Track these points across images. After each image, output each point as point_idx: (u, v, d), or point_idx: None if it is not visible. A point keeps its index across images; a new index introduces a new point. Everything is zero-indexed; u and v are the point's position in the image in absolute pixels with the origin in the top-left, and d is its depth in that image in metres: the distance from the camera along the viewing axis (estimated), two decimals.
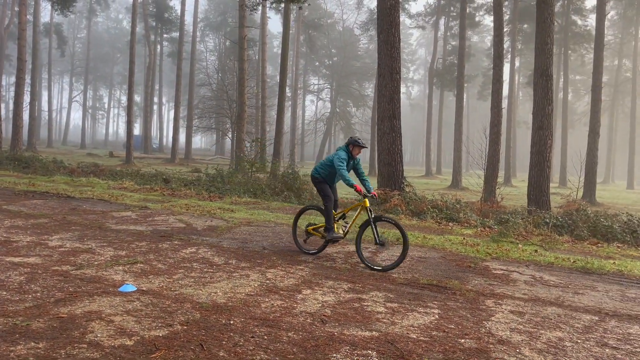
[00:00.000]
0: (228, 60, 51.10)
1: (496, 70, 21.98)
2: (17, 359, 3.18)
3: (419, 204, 12.35)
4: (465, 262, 7.02)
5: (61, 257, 5.98)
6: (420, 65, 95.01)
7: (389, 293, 5.25)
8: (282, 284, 5.39)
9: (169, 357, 3.36)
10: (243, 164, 20.02)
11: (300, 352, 3.56)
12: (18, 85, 28.45)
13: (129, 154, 32.46)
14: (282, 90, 26.62)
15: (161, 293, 4.79)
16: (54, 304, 4.27)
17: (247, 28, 29.08)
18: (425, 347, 3.78)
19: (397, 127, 13.62)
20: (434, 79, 47.14)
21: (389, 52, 13.58)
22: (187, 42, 47.84)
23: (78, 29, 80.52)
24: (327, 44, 65.69)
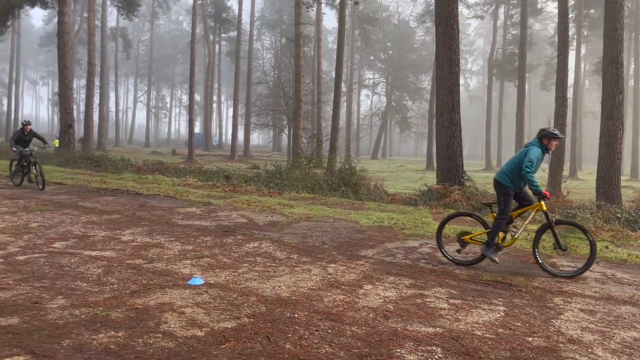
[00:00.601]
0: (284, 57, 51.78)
1: (561, 58, 21.04)
2: (99, 347, 3.41)
3: (480, 199, 12.06)
4: (530, 258, 6.81)
5: (133, 251, 6.31)
6: (479, 56, 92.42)
7: (452, 289, 5.19)
8: (344, 278, 5.45)
9: (237, 348, 3.50)
10: (300, 160, 20.24)
11: (365, 347, 3.60)
12: (88, 88, 30.04)
13: (191, 151, 33.58)
14: (338, 85, 26.67)
15: (227, 286, 4.97)
16: (130, 296, 4.53)
17: (302, 25, 29.32)
18: (492, 345, 3.73)
19: (456, 121, 13.35)
20: (493, 70, 45.77)
21: (447, 44, 13.31)
22: (245, 41, 48.79)
23: (141, 32, 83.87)
24: (382, 37, 65.12)
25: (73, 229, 7.53)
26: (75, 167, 20.04)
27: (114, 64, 63.47)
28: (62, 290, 4.59)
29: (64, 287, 4.71)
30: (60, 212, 9.12)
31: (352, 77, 59.85)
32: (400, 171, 38.54)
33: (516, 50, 40.22)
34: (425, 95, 59.51)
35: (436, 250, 7.11)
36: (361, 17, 52.41)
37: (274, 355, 3.40)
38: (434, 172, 27.78)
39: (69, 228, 7.61)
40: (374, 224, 9.22)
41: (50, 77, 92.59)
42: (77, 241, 6.72)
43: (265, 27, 66.44)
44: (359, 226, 8.94)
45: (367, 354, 3.49)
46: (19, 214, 8.73)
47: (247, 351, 3.44)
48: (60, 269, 5.33)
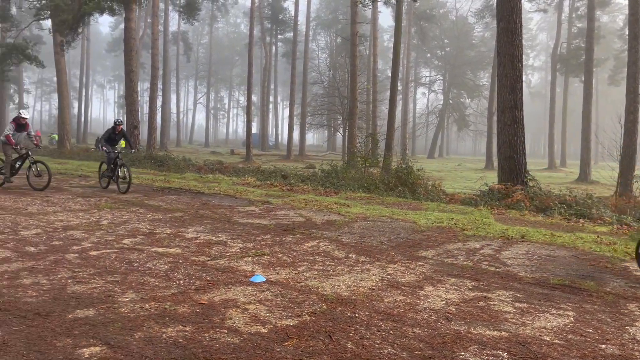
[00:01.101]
0: (339, 57, 51.87)
1: (632, 52, 19.90)
2: (168, 340, 3.54)
3: (544, 199, 11.63)
4: (600, 262, 6.50)
5: (197, 248, 6.52)
6: (541, 51, 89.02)
7: (517, 293, 5.03)
8: (403, 279, 5.40)
9: (300, 345, 3.54)
10: (356, 160, 20.20)
11: (427, 349, 3.56)
12: (152, 90, 31.29)
13: (249, 151, 34.28)
14: (394, 83, 26.42)
15: (288, 284, 5.04)
16: (195, 291, 4.68)
17: (358, 24, 29.26)
18: (561, 351, 3.59)
19: (519, 118, 12.92)
20: (557, 65, 43.93)
21: (509, 40, 12.90)
22: (300, 41, 49.27)
23: (201, 35, 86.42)
24: (439, 34, 63.99)
25: (140, 226, 7.86)
26: (140, 167, 20.91)
27: (175, 67, 65.78)
28: (132, 285, 4.81)
29: (134, 281, 4.93)
30: (128, 210, 9.55)
31: (408, 75, 59.12)
32: (458, 170, 37.72)
33: (582, 44, 38.43)
34: (484, 92, 57.98)
35: (499, 252, 6.91)
36: (418, 14, 51.70)
37: (337, 354, 3.42)
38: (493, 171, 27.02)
39: (136, 225, 7.96)
40: (433, 224, 9.08)
41: (117, 80, 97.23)
42: (145, 238, 7.01)
43: (321, 27, 66.81)
44: (418, 226, 8.83)
45: (430, 356, 3.44)
46: (91, 211, 9.21)
47: (310, 349, 3.48)
48: (130, 264, 5.59)
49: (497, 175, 13.90)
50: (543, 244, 7.64)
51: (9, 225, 7.60)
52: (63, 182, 14.09)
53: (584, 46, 34.72)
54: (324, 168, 18.62)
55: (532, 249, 7.23)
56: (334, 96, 42.90)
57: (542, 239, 7.92)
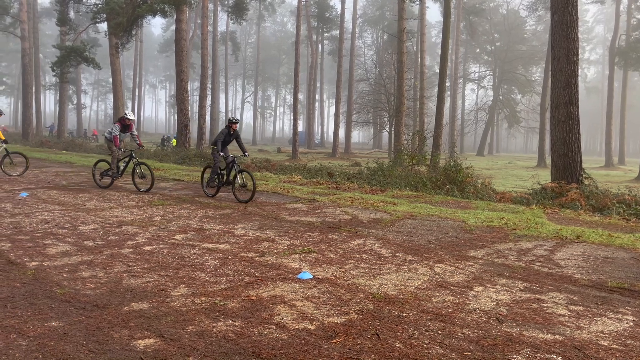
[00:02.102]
0: (385, 53, 51.42)
1: None
2: (219, 334, 3.62)
3: (601, 199, 11.15)
4: None
5: (246, 244, 6.63)
6: (598, 44, 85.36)
7: (572, 295, 4.85)
8: (452, 279, 5.31)
9: (348, 343, 3.54)
10: (402, 157, 20.00)
11: (478, 350, 3.49)
12: (201, 89, 31.99)
13: (295, 149, 34.54)
14: (442, 80, 25.97)
15: (335, 282, 5.05)
16: (244, 287, 4.77)
17: (405, 20, 28.92)
18: (620, 357, 3.43)
19: (574, 115, 12.45)
20: (615, 59, 41.98)
21: (564, 33, 12.43)
22: (347, 39, 49.17)
23: (249, 35, 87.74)
24: (489, 29, 62.36)
25: (191, 223, 8.07)
26: (190, 165, 21.45)
27: (224, 67, 67.06)
28: (184, 280, 4.94)
29: (185, 276, 5.07)
30: (179, 206, 9.82)
31: (456, 71, 57.99)
32: (508, 168, 36.70)
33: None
34: (536, 88, 56.17)
35: (552, 253, 6.68)
36: (467, 8, 50.61)
37: (384, 352, 3.40)
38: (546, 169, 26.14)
39: (187, 222, 8.18)
40: (483, 223, 8.87)
41: (168, 80, 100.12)
42: (195, 234, 7.20)
43: (367, 24, 66.48)
44: (467, 225, 8.66)
45: (481, 357, 3.37)
46: (144, 207, 9.53)
47: (358, 347, 3.48)
48: (181, 259, 5.75)
49: (550, 173, 13.43)
50: (600, 245, 7.33)
51: (68, 220, 7.97)
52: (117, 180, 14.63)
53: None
54: (369, 166, 18.55)
55: (588, 250, 6.96)
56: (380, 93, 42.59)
57: (598, 240, 7.60)
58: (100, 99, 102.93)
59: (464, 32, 57.11)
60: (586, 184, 12.21)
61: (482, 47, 66.24)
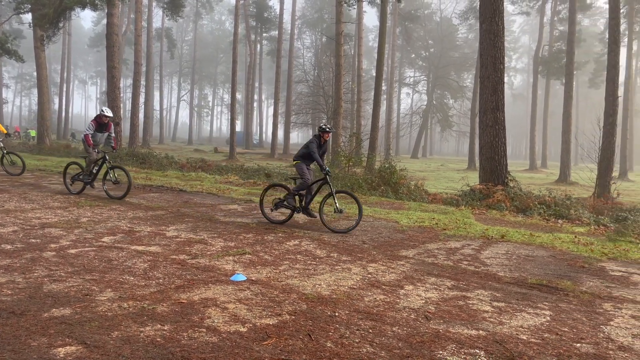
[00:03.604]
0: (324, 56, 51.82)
1: (611, 55, 20.25)
2: (146, 339, 3.51)
3: (524, 200, 11.77)
4: (577, 262, 6.61)
5: (178, 246, 6.47)
6: (524, 54, 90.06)
7: (495, 292, 5.09)
8: (384, 278, 5.42)
9: (279, 344, 3.54)
10: (339, 159, 20.23)
11: (406, 347, 3.58)
12: (135, 87, 30.96)
13: (232, 149, 34.12)
14: (378, 83, 26.52)
15: (269, 283, 5.03)
16: (175, 290, 4.65)
17: (343, 23, 29.29)
18: (537, 350, 3.64)
19: (500, 120, 13.07)
20: (539, 67, 44.49)
21: (492, 42, 13.04)
22: (285, 40, 49.15)
23: (185, 32, 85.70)
24: (423, 35, 64.36)
25: (120, 224, 7.78)
26: (121, 164, 20.66)
27: (158, 64, 65.15)
28: (110, 284, 4.75)
29: (112, 280, 4.87)
30: (108, 207, 9.43)
31: (392, 75, 59.36)
32: (441, 170, 38.00)
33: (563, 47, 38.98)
34: (467, 93, 58.47)
35: (479, 252, 6.99)
36: (403, 14, 51.93)
37: (316, 353, 3.42)
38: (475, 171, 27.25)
39: (116, 223, 7.87)
40: (415, 224, 9.14)
41: (99, 76, 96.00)
42: (125, 236, 6.94)
43: (306, 25, 66.76)
44: (399, 226, 8.88)
45: (409, 355, 3.46)
46: (70, 209, 9.08)
47: (289, 348, 3.48)
48: (108, 262, 5.52)
49: (478, 175, 14.03)
50: (522, 244, 7.74)
51: None
52: (42, 179, 13.87)
53: (565, 49, 35.22)
54: None
55: (512, 248, 7.33)
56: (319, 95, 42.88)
57: (521, 239, 8.02)
58: (24, 94, 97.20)
59: (400, 38, 58.57)
60: (511, 186, 12.86)
61: (417, 53, 68.21)
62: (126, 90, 76.82)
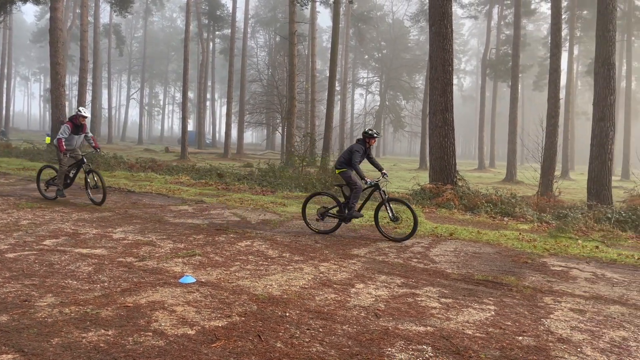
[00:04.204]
0: (278, 55, 51.67)
1: (553, 59, 21.15)
2: (89, 345, 3.39)
3: (472, 199, 12.12)
4: (521, 258, 6.86)
5: (125, 249, 6.28)
6: (473, 56, 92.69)
7: (443, 288, 5.21)
8: (336, 277, 5.45)
9: (228, 346, 3.49)
10: (293, 159, 20.22)
11: (355, 345, 3.61)
12: (81, 84, 29.84)
13: (184, 149, 33.45)
14: (332, 84, 26.66)
15: (219, 285, 4.96)
16: (121, 294, 4.51)
17: (297, 23, 29.28)
18: (482, 344, 3.75)
19: (449, 121, 13.39)
20: (487, 70, 45.91)
21: (441, 44, 13.34)
22: (239, 38, 48.66)
23: (135, 28, 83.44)
24: (376, 36, 65.16)
25: (64, 227, 7.48)
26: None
27: (106, 61, 63.12)
28: (52, 289, 4.56)
29: (53, 285, 4.68)
30: (51, 209, 9.06)
31: (346, 75, 59.82)
32: (393, 170, 38.58)
33: (509, 51, 40.33)
34: (419, 94, 59.65)
35: (428, 249, 7.14)
36: (355, 15, 52.41)
37: (265, 354, 3.40)
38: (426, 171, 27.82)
39: (59, 225, 7.56)
40: (367, 222, 9.23)
41: (42, 73, 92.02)
42: (68, 239, 6.68)
43: (260, 25, 66.30)
44: (352, 225, 8.95)
45: (358, 352, 3.49)
46: (9, 211, 8.66)
47: (238, 350, 3.44)
48: (50, 266, 5.30)
49: (428, 175, 14.33)
50: (470, 241, 7.96)
51: None
52: None
53: (511, 53, 36.48)
54: (261, 167, 18.49)
55: (460, 246, 7.52)
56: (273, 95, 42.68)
57: (469, 237, 8.25)
58: None
59: (353, 39, 59.10)
60: (460, 185, 13.19)
61: (370, 54, 69.00)
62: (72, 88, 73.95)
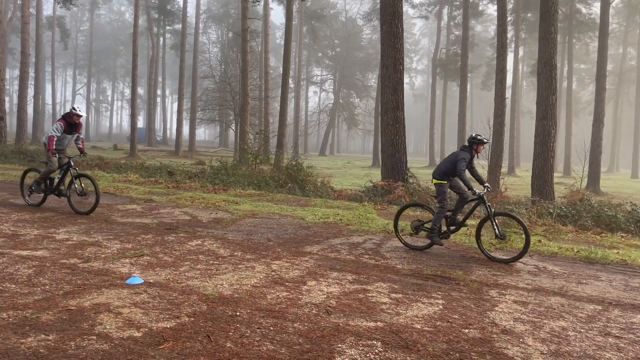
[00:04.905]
0: (231, 52, 51.05)
1: (500, 60, 21.86)
2: (27, 351, 3.24)
3: (422, 195, 12.37)
4: (469, 252, 7.06)
5: (68, 250, 6.05)
6: (424, 56, 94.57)
7: (394, 284, 5.29)
8: (288, 275, 5.44)
9: (176, 348, 3.42)
10: (246, 156, 20.04)
11: (306, 343, 3.61)
12: (22, 79, 28.53)
13: (133, 146, 32.56)
14: (285, 81, 26.59)
15: (168, 285, 4.85)
16: (63, 297, 4.34)
17: (249, 19, 29.01)
18: (430, 337, 3.83)
19: (400, 119, 13.61)
20: (437, 69, 46.97)
21: (392, 43, 13.53)
22: (190, 34, 47.73)
23: (81, 21, 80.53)
24: (330, 34, 65.47)
25: (2, 228, 7.12)
26: (6, 162, 19.00)
27: (50, 55, 60.57)
28: None
29: None
30: None
31: (300, 73, 59.78)
32: (347, 168, 38.91)
33: (459, 51, 41.45)
34: (372, 93, 60.39)
35: (380, 246, 7.23)
36: (309, 13, 52.44)
37: (214, 354, 3.35)
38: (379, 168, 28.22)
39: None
40: (320, 220, 9.27)
41: None
42: (7, 240, 6.36)
43: (212, 20, 65.29)
44: (305, 222, 8.96)
45: (309, 350, 3.49)
46: None
47: (187, 351, 3.37)
48: None
49: (381, 172, 14.53)
50: None
51: None
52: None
53: (460, 53, 37.49)
54: (213, 164, 18.24)
55: None
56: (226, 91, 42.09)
57: None
58: None
59: (307, 36, 59.18)
60: (411, 182, 13.45)
61: (323, 52, 69.24)
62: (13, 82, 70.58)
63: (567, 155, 40.30)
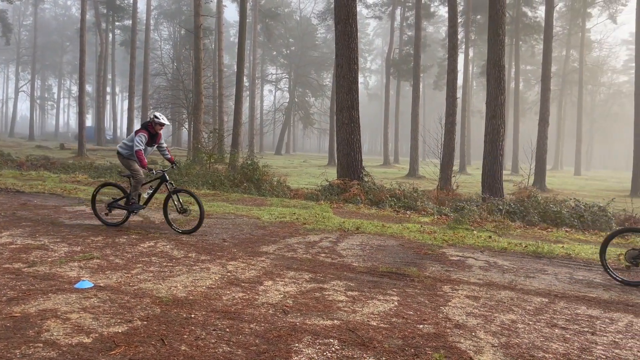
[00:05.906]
0: (183, 49, 50.03)
1: (451, 60, 22.41)
2: None
3: (377, 193, 12.53)
4: (423, 249, 7.20)
5: (12, 254, 5.78)
6: (378, 55, 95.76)
7: (350, 282, 5.33)
8: (243, 276, 5.38)
9: (129, 353, 3.32)
10: (201, 155, 19.72)
11: (263, 343, 3.59)
12: None
13: (81, 146, 31.45)
14: (240, 80, 26.32)
15: (119, 288, 4.71)
16: (7, 303, 4.14)
17: (202, 16, 28.54)
18: (385, 334, 3.88)
19: (355, 118, 13.73)
20: (391, 69, 47.63)
21: (346, 43, 13.63)
22: (141, 30, 46.55)
23: (24, 15, 77.03)
24: (284, 33, 65.27)
25: None
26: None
27: None
28: None
29: None
30: None
31: (254, 71, 59.36)
32: (303, 167, 38.93)
33: (411, 51, 42.16)
34: (327, 92, 60.58)
35: (336, 244, 7.27)
36: (263, 11, 52.12)
37: (168, 358, 3.27)
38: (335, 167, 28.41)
39: None
40: (276, 219, 9.23)
41: None
42: None
43: (164, 17, 63.83)
44: (261, 222, 8.91)
45: (265, 350, 3.47)
46: None
47: (139, 356, 3.28)
48: None
49: (336, 171, 14.61)
50: (375, 234, 8.22)
51: None
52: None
53: (413, 53, 38.16)
54: (166, 164, 17.84)
55: (365, 239, 7.74)
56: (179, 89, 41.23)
57: (374, 230, 8.52)
58: None
59: (262, 34, 58.76)
60: (366, 180, 13.60)
61: (278, 50, 68.98)
62: None
63: (515, 154, 41.75)
